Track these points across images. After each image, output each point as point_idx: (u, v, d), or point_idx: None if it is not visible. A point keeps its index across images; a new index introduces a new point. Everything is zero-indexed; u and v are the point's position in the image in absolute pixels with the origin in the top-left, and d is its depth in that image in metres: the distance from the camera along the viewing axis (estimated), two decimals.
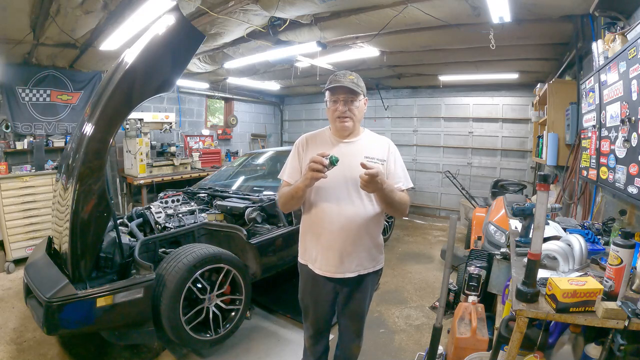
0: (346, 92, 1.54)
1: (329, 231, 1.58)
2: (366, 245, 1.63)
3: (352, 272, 1.63)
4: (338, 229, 1.56)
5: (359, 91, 1.55)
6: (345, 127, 1.57)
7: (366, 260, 1.65)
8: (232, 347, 2.59)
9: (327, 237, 1.59)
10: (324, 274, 1.63)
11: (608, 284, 1.15)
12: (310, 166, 1.39)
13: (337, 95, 1.55)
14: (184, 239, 2.83)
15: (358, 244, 1.60)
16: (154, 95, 2.24)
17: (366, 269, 1.66)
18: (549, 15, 2.82)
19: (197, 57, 4.49)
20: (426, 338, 2.55)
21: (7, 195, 3.89)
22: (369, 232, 1.62)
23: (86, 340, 2.56)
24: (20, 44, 3.59)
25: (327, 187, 1.57)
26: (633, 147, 1.64)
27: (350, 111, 1.56)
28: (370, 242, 1.64)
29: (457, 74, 5.38)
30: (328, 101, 1.60)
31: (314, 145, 1.66)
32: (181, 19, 2.13)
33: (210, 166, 6.16)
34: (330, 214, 1.56)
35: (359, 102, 1.58)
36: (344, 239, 1.57)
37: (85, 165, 2.12)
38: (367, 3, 2.86)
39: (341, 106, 1.55)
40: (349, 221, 1.55)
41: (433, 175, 6.83)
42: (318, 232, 1.62)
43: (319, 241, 1.63)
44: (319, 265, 1.64)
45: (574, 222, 2.06)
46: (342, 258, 1.59)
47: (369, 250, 1.65)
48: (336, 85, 1.53)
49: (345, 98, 1.55)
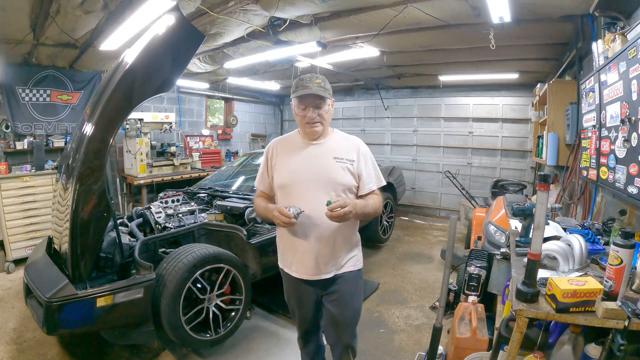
0: (314, 98, 1.53)
1: (302, 234, 1.57)
2: (340, 246, 1.62)
3: (328, 273, 1.62)
4: (311, 231, 1.55)
5: (327, 96, 1.54)
6: (315, 132, 1.58)
7: (342, 260, 1.64)
8: (232, 347, 2.59)
9: (301, 240, 1.58)
10: (301, 277, 1.63)
11: (608, 284, 1.15)
12: (278, 221, 1.45)
13: (305, 102, 1.54)
14: (184, 239, 2.83)
15: (332, 245, 1.59)
16: (154, 95, 2.24)
17: (343, 268, 1.64)
18: (549, 15, 2.82)
19: (197, 57, 4.48)
20: (426, 338, 2.55)
21: (7, 195, 3.89)
22: (343, 233, 1.60)
23: (86, 340, 2.55)
24: (20, 44, 3.58)
25: (297, 190, 1.56)
26: (633, 147, 1.64)
27: (320, 116, 1.55)
28: (344, 242, 1.63)
29: (457, 74, 5.38)
30: (296, 107, 1.58)
31: (283, 149, 1.66)
32: (181, 19, 2.13)
33: (210, 166, 6.16)
34: (305, 217, 1.53)
35: (327, 106, 1.57)
36: (317, 241, 1.56)
37: (85, 165, 2.12)
38: (367, 3, 2.86)
39: (310, 112, 1.53)
40: (321, 223, 1.52)
41: (433, 175, 6.83)
42: (291, 236, 1.60)
43: (293, 245, 1.61)
44: (296, 268, 1.64)
45: (574, 222, 2.06)
46: (317, 260, 1.58)
47: (344, 251, 1.64)
48: (304, 94, 1.52)
49: (314, 104, 1.53)
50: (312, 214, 1.51)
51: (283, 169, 1.62)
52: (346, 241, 1.64)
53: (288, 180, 1.59)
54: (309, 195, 1.53)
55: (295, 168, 1.58)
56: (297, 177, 1.56)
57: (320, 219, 1.49)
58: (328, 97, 1.55)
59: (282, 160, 1.63)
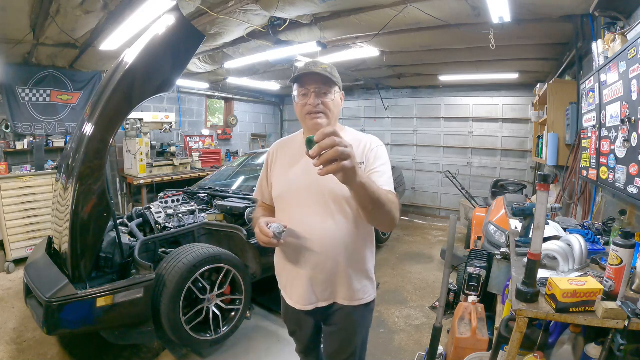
0: (318, 81, 1.23)
1: (293, 256, 1.29)
2: (345, 273, 1.27)
3: (326, 301, 1.31)
4: (304, 252, 1.26)
5: (334, 81, 1.25)
6: (317, 125, 1.24)
7: (345, 289, 1.30)
8: (232, 347, 2.59)
9: (294, 261, 1.30)
10: (294, 306, 1.34)
11: (608, 284, 1.15)
12: (259, 240, 1.20)
13: (306, 86, 1.24)
14: (184, 239, 2.83)
15: (333, 271, 1.26)
16: (154, 95, 2.25)
17: (345, 299, 1.31)
18: (549, 15, 2.82)
19: (197, 57, 4.48)
20: (426, 338, 2.55)
21: (7, 195, 3.89)
22: (349, 256, 1.27)
23: (86, 340, 2.55)
24: (20, 44, 3.58)
25: (290, 202, 1.30)
26: (633, 147, 1.64)
27: (324, 105, 1.24)
28: (350, 268, 1.28)
29: (457, 74, 5.38)
30: (296, 96, 1.28)
31: (284, 153, 1.40)
32: (181, 19, 2.13)
33: (210, 166, 6.16)
34: (298, 234, 1.25)
35: (334, 95, 1.27)
36: (313, 264, 1.26)
37: (85, 165, 2.12)
38: (367, 3, 2.86)
39: (312, 99, 1.23)
40: (320, 241, 1.24)
41: (433, 175, 6.83)
42: (284, 255, 1.34)
43: (286, 266, 1.35)
44: (289, 293, 1.37)
45: (574, 222, 2.06)
46: (312, 286, 1.29)
47: (348, 279, 1.29)
48: (306, 73, 1.23)
49: (316, 89, 1.23)
50: (304, 231, 1.24)
51: (280, 177, 1.36)
52: (352, 265, 1.29)
53: (282, 190, 1.33)
54: (303, 209, 1.26)
55: (291, 176, 1.31)
56: (292, 187, 1.30)
57: (320, 237, 1.24)
58: (335, 83, 1.26)
59: (281, 167, 1.38)
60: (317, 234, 1.24)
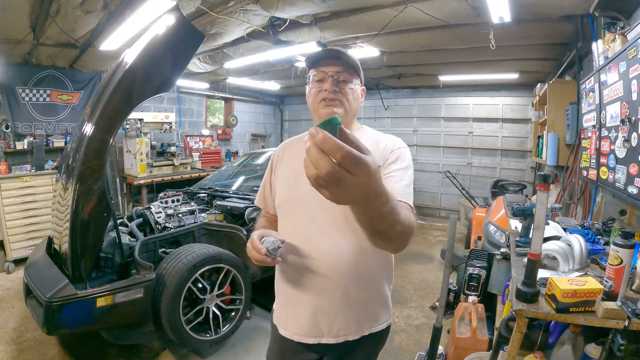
0: (338, 65, 1.05)
1: (298, 277, 1.07)
2: (358, 300, 1.06)
3: (335, 337, 1.07)
4: (310, 274, 1.04)
5: (357, 70, 1.08)
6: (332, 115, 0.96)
7: (358, 319, 1.08)
8: (232, 347, 2.59)
9: (295, 286, 1.08)
10: (291, 337, 1.10)
11: (608, 284, 1.15)
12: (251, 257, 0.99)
13: (324, 68, 1.05)
14: (184, 239, 2.83)
15: (340, 297, 1.04)
16: (154, 95, 2.25)
17: (358, 331, 1.09)
18: (548, 15, 2.82)
19: (197, 57, 4.48)
20: (426, 338, 2.55)
21: (7, 195, 3.89)
22: (363, 280, 1.06)
23: (86, 340, 2.55)
24: (20, 44, 3.58)
25: (293, 214, 1.09)
26: (633, 147, 1.64)
27: (342, 93, 1.05)
28: (362, 293, 1.06)
29: (457, 74, 5.39)
30: (311, 81, 1.08)
31: (290, 154, 1.19)
32: (181, 19, 2.13)
33: (210, 166, 6.16)
34: (300, 252, 1.05)
35: (355, 86, 1.08)
36: (318, 290, 1.04)
37: (85, 165, 2.12)
38: (367, 3, 2.86)
39: (329, 84, 1.03)
40: (328, 263, 1.03)
41: (433, 175, 6.83)
42: (284, 277, 1.13)
43: (285, 291, 1.13)
44: (284, 323, 1.13)
45: (574, 222, 2.06)
46: (316, 316, 1.06)
47: (360, 305, 1.07)
48: (325, 56, 1.06)
49: (335, 74, 1.04)
50: (309, 247, 1.04)
51: (284, 182, 1.15)
52: (369, 293, 1.08)
53: (285, 197, 1.13)
54: (308, 221, 1.05)
55: (296, 182, 1.08)
56: (297, 195, 1.07)
57: (329, 258, 1.03)
58: (358, 73, 1.09)
59: (285, 170, 1.17)
60: (328, 252, 1.03)
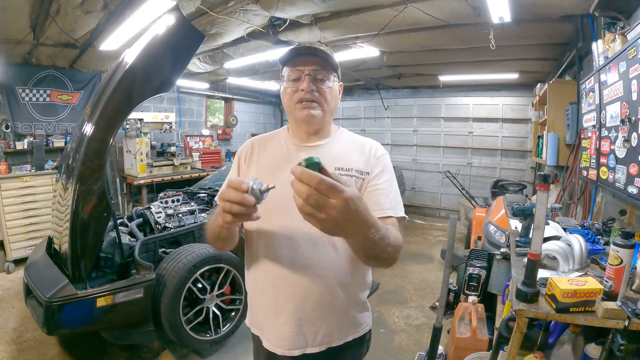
0: (314, 63, 1.00)
1: (279, 287, 1.01)
2: (340, 306, 1.03)
3: (318, 346, 1.03)
4: (293, 283, 0.99)
5: (333, 65, 1.03)
6: (310, 117, 1.02)
7: (342, 326, 1.05)
8: (232, 347, 2.59)
9: (276, 295, 1.02)
10: (274, 351, 1.04)
11: (608, 284, 1.15)
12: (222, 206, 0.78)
13: (300, 67, 1.01)
14: (184, 239, 2.83)
15: (326, 304, 1.01)
16: (154, 95, 2.25)
17: (341, 338, 1.06)
18: (548, 15, 2.82)
19: (197, 57, 4.48)
20: (426, 338, 2.55)
21: (7, 195, 3.89)
22: (345, 286, 1.02)
23: (86, 340, 2.55)
24: (20, 44, 3.58)
25: (275, 217, 0.99)
26: (633, 147, 1.64)
27: (320, 93, 1.01)
28: (346, 299, 1.03)
29: (457, 74, 5.39)
30: (286, 80, 1.04)
31: (265, 153, 1.11)
32: (181, 19, 2.13)
33: (210, 166, 6.16)
34: (280, 259, 1.00)
35: (333, 83, 1.04)
36: (302, 298, 1.00)
37: (85, 165, 2.12)
38: (367, 3, 2.86)
39: (306, 83, 0.99)
40: (310, 271, 0.99)
41: (433, 175, 6.83)
42: (261, 287, 1.06)
43: (264, 301, 1.05)
44: (267, 336, 1.07)
45: (574, 222, 2.06)
46: (301, 327, 1.01)
47: (344, 312, 1.05)
48: (299, 52, 1.01)
49: (312, 72, 1.00)
50: (297, 256, 0.99)
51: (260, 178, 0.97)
52: (350, 298, 1.05)
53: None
54: (294, 228, 0.98)
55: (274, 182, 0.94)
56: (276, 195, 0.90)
57: (310, 265, 0.99)
58: (334, 68, 1.04)
59: (260, 168, 1.08)
60: (309, 260, 0.98)
